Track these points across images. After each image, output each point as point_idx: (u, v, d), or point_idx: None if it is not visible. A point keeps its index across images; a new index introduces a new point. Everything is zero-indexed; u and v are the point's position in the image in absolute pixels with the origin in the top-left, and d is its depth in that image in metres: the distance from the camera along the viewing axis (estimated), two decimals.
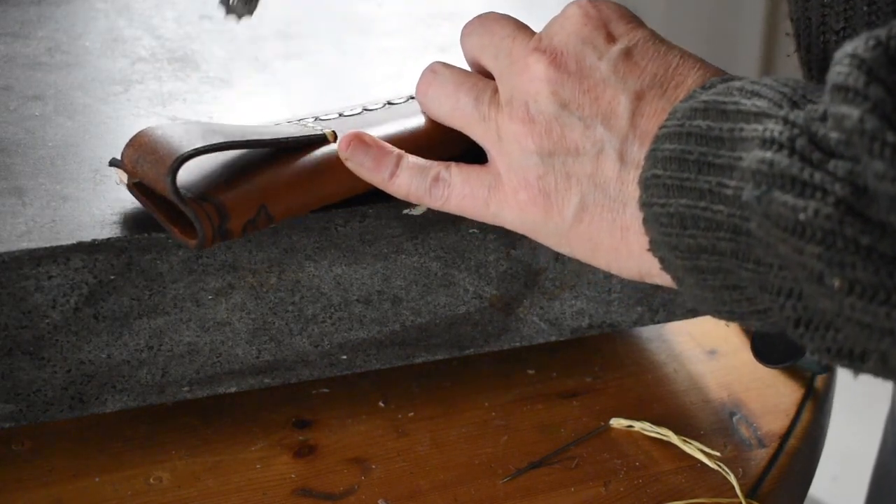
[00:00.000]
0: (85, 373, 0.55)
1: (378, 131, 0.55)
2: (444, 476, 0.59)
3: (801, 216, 0.37)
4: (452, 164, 0.53)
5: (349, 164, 0.53)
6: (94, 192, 0.55)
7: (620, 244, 0.49)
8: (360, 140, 0.53)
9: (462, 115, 0.53)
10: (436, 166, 0.53)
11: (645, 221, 0.46)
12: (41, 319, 0.53)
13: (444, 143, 0.55)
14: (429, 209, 0.57)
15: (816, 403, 0.65)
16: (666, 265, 0.46)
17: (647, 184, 0.45)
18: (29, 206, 0.54)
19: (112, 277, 0.53)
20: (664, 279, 0.47)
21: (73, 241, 0.52)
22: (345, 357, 0.59)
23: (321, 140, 0.54)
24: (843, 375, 0.82)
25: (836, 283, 0.37)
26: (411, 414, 0.63)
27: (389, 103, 0.59)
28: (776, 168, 0.38)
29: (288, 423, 0.62)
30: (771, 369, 0.66)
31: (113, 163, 0.53)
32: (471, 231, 0.58)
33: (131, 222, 0.53)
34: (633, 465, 0.60)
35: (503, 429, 0.62)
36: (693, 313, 0.65)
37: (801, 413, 0.64)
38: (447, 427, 0.62)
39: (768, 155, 0.39)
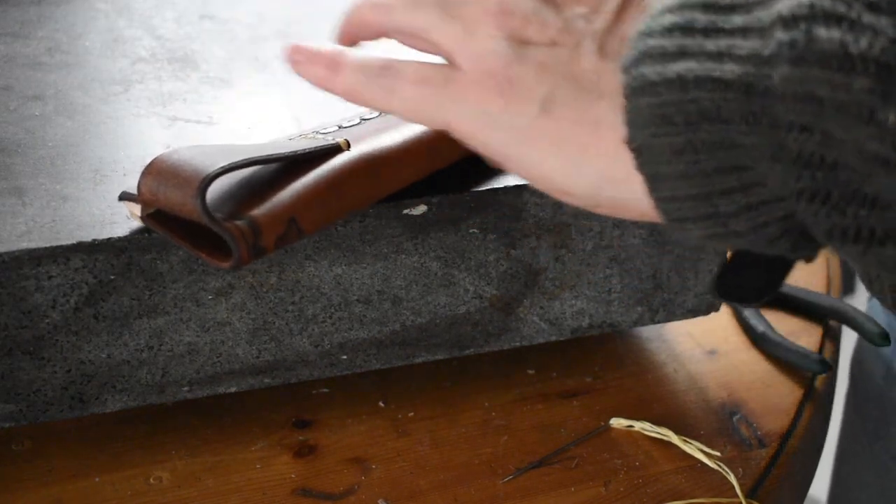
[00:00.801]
0: (85, 373, 0.55)
1: (387, 138, 0.55)
2: (444, 476, 0.59)
3: (853, 49, 0.35)
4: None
5: (296, 71, 0.50)
6: (94, 192, 0.55)
7: (590, 139, 0.44)
8: (296, 45, 0.50)
9: (425, 17, 0.48)
10: (385, 57, 0.49)
11: (628, 99, 0.41)
12: (41, 319, 0.53)
13: (459, 142, 0.55)
14: (429, 210, 0.57)
15: (816, 403, 0.65)
16: (644, 159, 0.41)
17: (639, 56, 0.41)
18: (29, 206, 0.54)
19: (112, 277, 0.53)
20: (629, 187, 0.43)
21: (73, 241, 0.52)
22: (345, 357, 0.59)
23: (336, 150, 0.54)
24: (843, 375, 0.82)
25: (892, 117, 0.35)
26: (411, 414, 0.63)
27: None
28: (818, 8, 0.36)
29: (288, 423, 0.62)
30: (770, 362, 0.67)
31: (123, 196, 0.51)
32: (471, 231, 0.58)
33: (131, 222, 0.53)
34: (633, 465, 0.60)
35: (503, 429, 0.62)
36: (693, 313, 0.65)
37: (801, 413, 0.64)
38: (447, 427, 0.62)
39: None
